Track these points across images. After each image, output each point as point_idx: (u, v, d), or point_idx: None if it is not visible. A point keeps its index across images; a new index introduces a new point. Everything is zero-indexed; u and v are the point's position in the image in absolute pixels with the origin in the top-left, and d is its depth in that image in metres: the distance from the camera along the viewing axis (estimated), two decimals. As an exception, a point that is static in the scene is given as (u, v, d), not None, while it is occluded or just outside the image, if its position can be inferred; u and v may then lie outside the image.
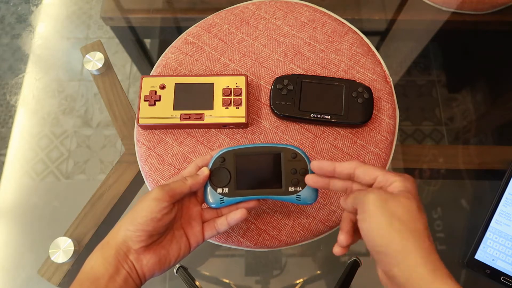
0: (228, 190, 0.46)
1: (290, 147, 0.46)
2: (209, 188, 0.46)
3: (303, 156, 0.45)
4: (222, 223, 0.46)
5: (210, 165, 0.47)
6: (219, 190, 0.46)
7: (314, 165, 0.42)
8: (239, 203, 0.47)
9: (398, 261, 0.32)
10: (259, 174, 0.46)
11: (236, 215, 0.46)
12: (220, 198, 0.46)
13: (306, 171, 0.45)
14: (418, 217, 0.34)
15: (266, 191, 0.46)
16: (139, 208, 0.41)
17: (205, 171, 0.46)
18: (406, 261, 0.31)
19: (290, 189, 0.45)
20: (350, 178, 0.40)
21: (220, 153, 0.47)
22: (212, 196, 0.46)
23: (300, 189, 0.45)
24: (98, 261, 0.40)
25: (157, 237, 0.43)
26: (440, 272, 0.31)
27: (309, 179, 0.43)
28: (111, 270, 0.40)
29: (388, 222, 0.33)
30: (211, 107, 0.59)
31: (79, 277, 0.41)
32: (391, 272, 0.32)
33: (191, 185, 0.44)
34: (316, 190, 0.46)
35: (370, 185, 0.39)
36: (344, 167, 0.40)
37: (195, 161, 0.48)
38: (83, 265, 0.41)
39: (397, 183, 0.36)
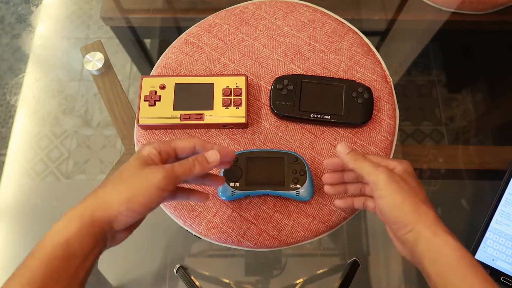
0: (239, 185, 0.54)
1: (291, 153, 0.55)
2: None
3: (302, 160, 0.55)
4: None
5: None
6: (232, 184, 0.53)
7: (326, 162, 0.49)
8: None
9: (412, 227, 0.39)
10: (266, 173, 0.55)
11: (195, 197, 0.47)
12: (232, 191, 0.54)
13: (304, 172, 0.54)
14: (420, 191, 0.42)
15: (271, 187, 0.54)
16: (137, 191, 0.38)
17: (217, 157, 0.42)
18: (416, 228, 0.39)
19: (291, 186, 0.54)
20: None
21: (235, 153, 0.54)
22: (226, 189, 0.54)
23: (299, 186, 0.54)
24: (76, 236, 0.35)
25: None
26: (441, 231, 0.39)
27: (325, 177, 0.50)
28: (87, 249, 0.36)
29: (402, 198, 0.40)
30: (211, 107, 0.59)
31: (50, 249, 0.35)
32: (404, 237, 0.40)
33: (197, 173, 0.41)
34: (312, 188, 0.54)
35: None
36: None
37: (194, 140, 0.43)
38: (52, 232, 0.36)
39: (398, 167, 0.44)
